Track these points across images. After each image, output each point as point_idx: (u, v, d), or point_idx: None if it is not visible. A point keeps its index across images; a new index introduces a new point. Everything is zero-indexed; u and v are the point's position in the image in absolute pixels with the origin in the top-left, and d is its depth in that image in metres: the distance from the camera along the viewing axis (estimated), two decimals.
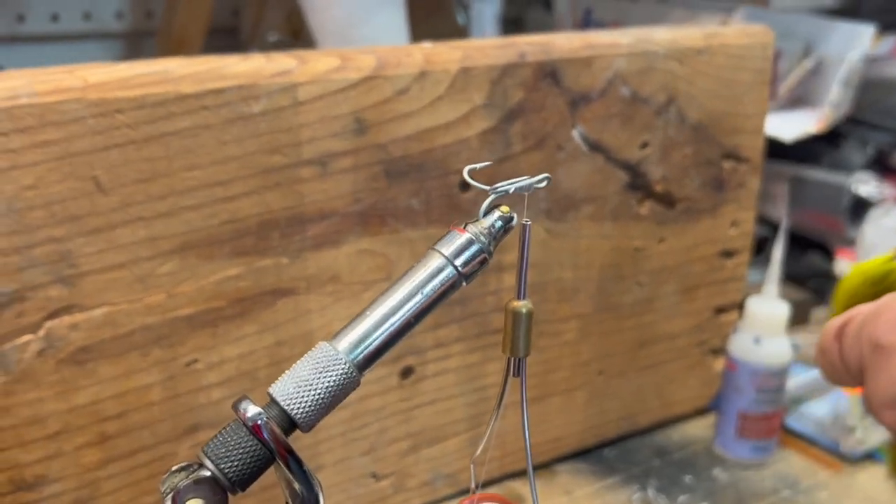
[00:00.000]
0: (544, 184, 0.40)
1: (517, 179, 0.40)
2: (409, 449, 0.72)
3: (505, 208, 0.41)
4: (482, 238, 0.40)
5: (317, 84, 0.59)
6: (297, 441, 0.38)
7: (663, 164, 0.77)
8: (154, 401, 0.60)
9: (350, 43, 0.88)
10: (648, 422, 0.86)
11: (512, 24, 1.41)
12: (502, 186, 0.40)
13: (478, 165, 0.41)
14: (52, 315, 0.55)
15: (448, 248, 0.40)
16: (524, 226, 0.41)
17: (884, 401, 0.49)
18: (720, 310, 0.86)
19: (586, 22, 1.33)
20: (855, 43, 1.09)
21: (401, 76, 0.62)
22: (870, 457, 0.83)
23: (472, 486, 0.47)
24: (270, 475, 0.40)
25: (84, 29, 1.10)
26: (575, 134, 0.71)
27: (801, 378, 0.92)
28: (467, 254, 0.40)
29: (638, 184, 0.76)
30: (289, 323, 0.64)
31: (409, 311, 0.39)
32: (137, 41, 1.15)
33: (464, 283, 0.40)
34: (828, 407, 0.88)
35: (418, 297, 0.39)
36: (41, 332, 0.55)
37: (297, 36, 1.06)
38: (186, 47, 1.06)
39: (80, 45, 1.10)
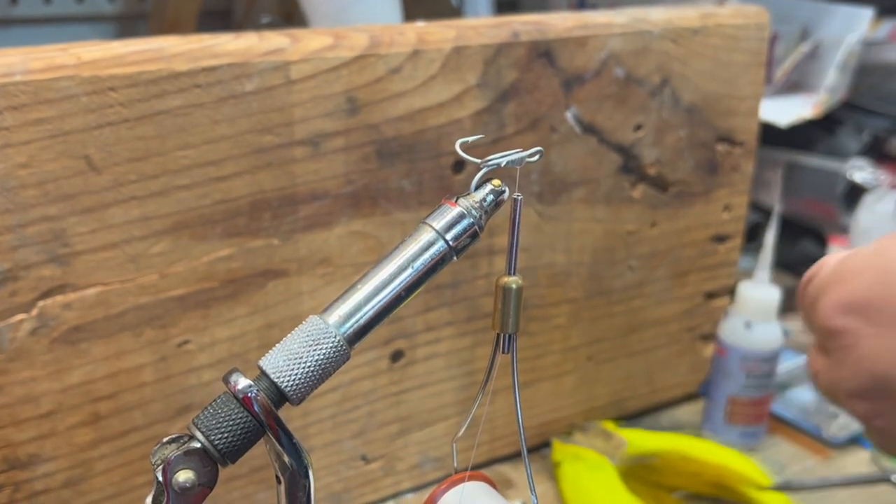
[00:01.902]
0: (536, 157, 0.40)
1: (509, 152, 0.40)
2: (398, 432, 0.73)
3: (497, 182, 0.41)
4: (473, 211, 0.40)
5: (309, 62, 0.59)
6: (288, 424, 0.38)
7: (657, 146, 0.77)
8: (146, 381, 0.60)
9: (343, 24, 0.88)
10: (637, 407, 0.87)
11: (507, 7, 1.40)
12: (494, 159, 0.40)
13: (470, 138, 0.41)
14: (46, 294, 0.55)
15: (439, 221, 0.40)
16: (515, 200, 0.41)
17: (850, 392, 0.46)
18: (711, 295, 0.87)
19: (581, 5, 1.32)
20: (853, 26, 1.08)
21: (394, 55, 0.62)
22: (855, 442, 0.84)
23: (455, 465, 0.47)
24: (264, 456, 0.40)
25: (77, 12, 1.10)
26: (568, 115, 0.71)
27: (790, 364, 0.93)
28: (458, 227, 0.40)
29: (631, 167, 0.76)
30: (280, 305, 0.64)
31: (399, 284, 0.39)
32: (130, 24, 1.14)
33: (455, 258, 0.40)
34: (813, 393, 0.88)
35: (409, 271, 0.39)
36: (34, 312, 0.55)
37: (290, 18, 1.06)
38: (179, 30, 1.05)
39: (73, 27, 1.10)
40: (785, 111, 1.07)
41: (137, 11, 1.14)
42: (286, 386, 0.38)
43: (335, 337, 0.39)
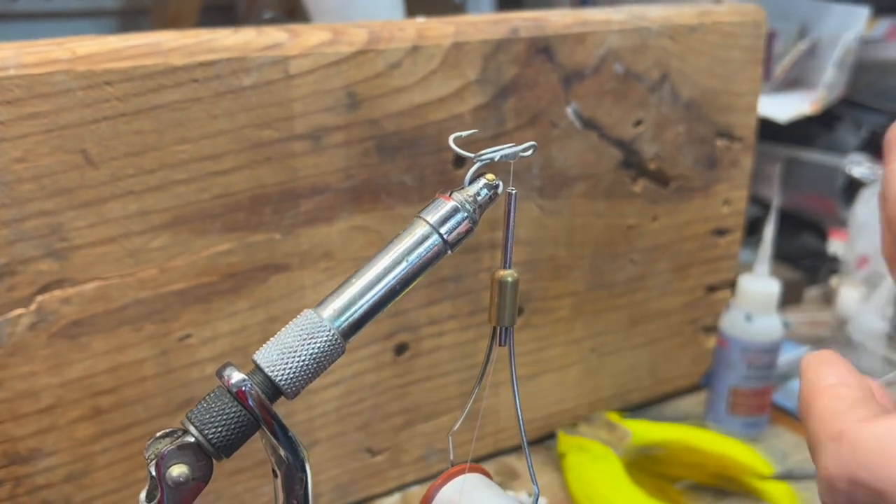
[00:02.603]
0: (530, 152, 0.40)
1: (503, 146, 0.40)
2: (403, 424, 0.73)
3: (491, 176, 0.41)
4: (467, 206, 0.40)
5: (308, 57, 0.59)
6: (292, 417, 0.38)
7: (656, 141, 0.77)
8: (147, 375, 0.60)
9: (345, 20, 0.88)
10: (641, 398, 0.87)
11: (509, 4, 1.40)
12: (487, 153, 0.40)
13: (464, 133, 0.41)
14: (44, 289, 0.55)
15: (433, 215, 0.40)
16: (510, 194, 0.41)
17: None
18: (712, 288, 0.87)
19: (582, 2, 1.32)
20: (850, 24, 1.09)
21: (393, 50, 0.62)
22: None
23: (451, 458, 0.47)
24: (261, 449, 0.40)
25: (78, 7, 1.10)
26: (568, 111, 0.71)
27: (791, 355, 0.93)
28: (452, 221, 0.40)
29: (631, 161, 0.76)
30: (282, 299, 0.64)
31: (394, 278, 0.39)
32: (132, 18, 1.14)
33: (449, 252, 0.40)
34: None
35: (403, 265, 0.39)
36: (33, 306, 0.55)
37: (293, 14, 1.06)
38: (181, 25, 1.05)
39: (75, 22, 1.10)
40: (784, 107, 1.08)
41: (139, 6, 1.14)
42: (280, 380, 0.38)
43: (329, 331, 0.39)
